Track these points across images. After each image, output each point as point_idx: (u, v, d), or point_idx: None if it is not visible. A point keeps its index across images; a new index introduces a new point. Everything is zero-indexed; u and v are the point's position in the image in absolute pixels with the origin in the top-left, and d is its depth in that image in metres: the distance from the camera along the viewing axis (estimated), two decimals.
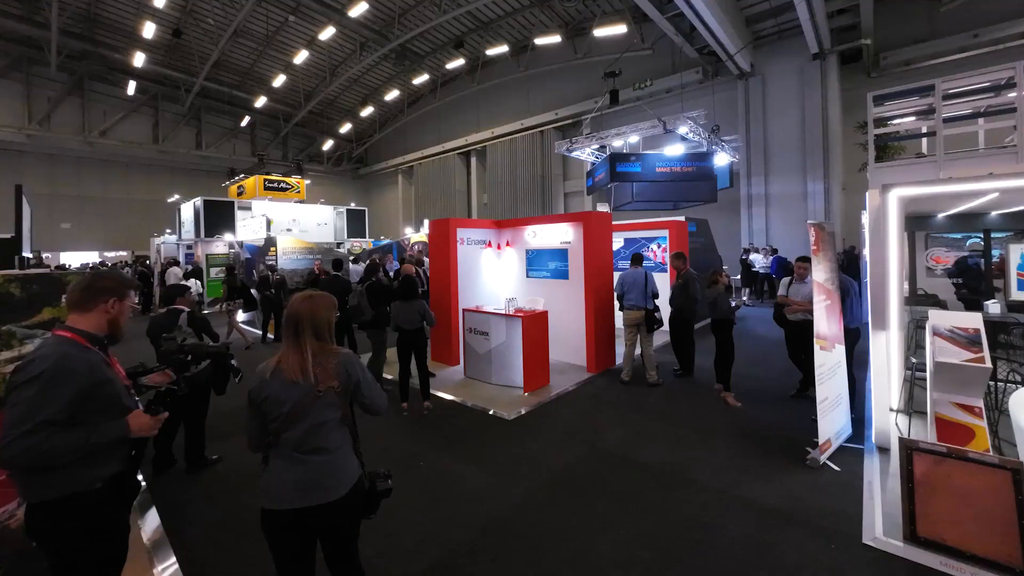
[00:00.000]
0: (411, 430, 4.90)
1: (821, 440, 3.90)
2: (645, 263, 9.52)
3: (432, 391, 6.10)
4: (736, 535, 3.05)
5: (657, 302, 6.26)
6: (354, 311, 6.21)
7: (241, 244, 13.85)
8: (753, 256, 15.22)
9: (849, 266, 11.64)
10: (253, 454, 1.98)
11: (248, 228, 17.88)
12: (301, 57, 22.22)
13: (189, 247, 18.59)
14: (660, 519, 3.23)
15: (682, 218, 10.05)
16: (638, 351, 6.31)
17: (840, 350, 4.50)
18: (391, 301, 5.62)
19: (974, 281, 6.20)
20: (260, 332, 10.17)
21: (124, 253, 24.65)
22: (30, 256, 6.41)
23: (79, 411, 1.69)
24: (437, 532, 3.14)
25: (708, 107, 15.30)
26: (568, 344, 7.00)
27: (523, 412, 5.29)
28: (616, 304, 6.53)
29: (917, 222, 6.56)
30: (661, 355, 7.15)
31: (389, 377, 6.37)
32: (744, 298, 14.17)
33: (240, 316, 10.91)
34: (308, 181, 24.49)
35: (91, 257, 23.20)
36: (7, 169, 22.36)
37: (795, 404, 5.29)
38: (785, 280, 5.66)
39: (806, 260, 5.66)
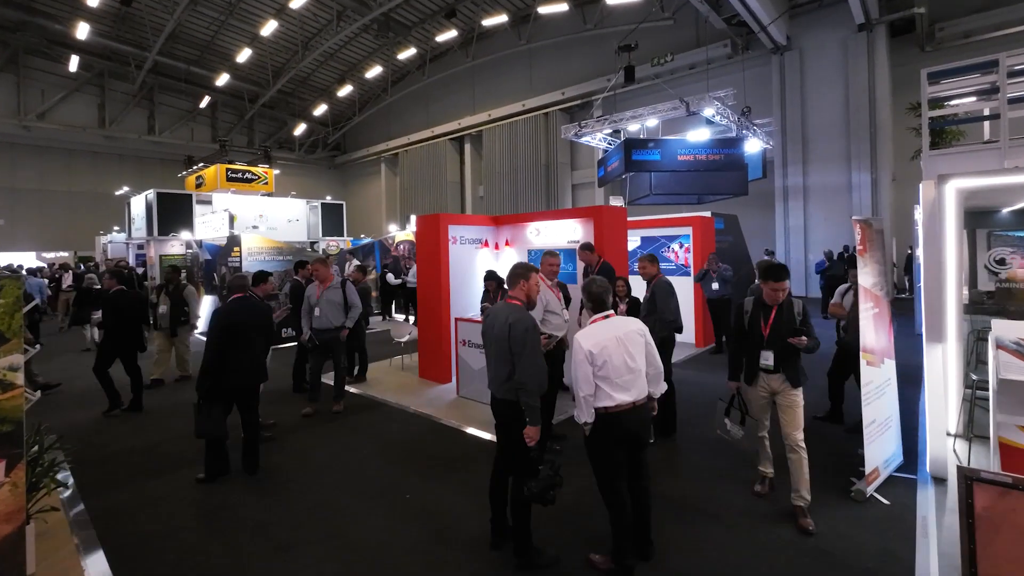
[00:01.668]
0: (393, 456, 4.91)
1: (868, 469, 3.91)
2: (663, 265, 9.57)
3: (420, 411, 6.16)
4: None
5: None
6: None
7: (200, 243, 13.89)
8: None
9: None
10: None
11: (208, 225, 17.93)
12: (269, 28, 22.38)
13: (140, 247, 18.63)
14: (683, 559, 3.23)
15: (708, 214, 10.09)
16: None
17: (890, 365, 4.52)
18: None
19: None
20: None
21: (65, 254, 24.69)
22: None
23: None
24: None
25: (738, 86, 15.40)
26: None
27: None
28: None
29: (978, 218, 6.57)
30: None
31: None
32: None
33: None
34: (277, 171, 24.59)
35: (27, 258, 23.22)
36: None
37: (837, 427, 5.29)
38: (841, 288, 5.65)
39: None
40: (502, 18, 22.37)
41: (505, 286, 3.88)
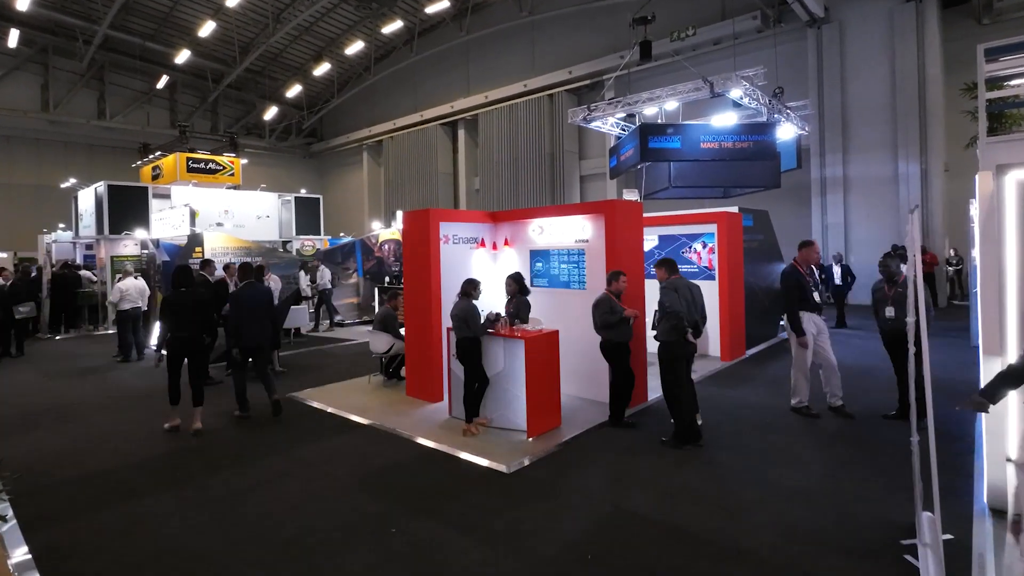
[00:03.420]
0: (377, 485, 4.91)
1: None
2: (686, 268, 9.58)
3: (406, 434, 6.17)
4: None
5: None
6: None
7: (157, 243, 13.92)
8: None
9: None
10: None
11: (166, 222, 17.93)
12: None
13: (89, 247, 18.65)
14: None
15: (735, 209, 10.12)
16: None
17: None
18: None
19: None
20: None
21: (4, 254, 24.68)
22: None
23: None
24: None
25: (769, 64, 15.47)
26: (585, 374, 7.02)
27: (526, 463, 5.30)
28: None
29: None
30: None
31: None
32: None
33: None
34: (245, 160, 24.64)
35: None
36: None
37: (881, 445, 5.30)
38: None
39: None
40: None
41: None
